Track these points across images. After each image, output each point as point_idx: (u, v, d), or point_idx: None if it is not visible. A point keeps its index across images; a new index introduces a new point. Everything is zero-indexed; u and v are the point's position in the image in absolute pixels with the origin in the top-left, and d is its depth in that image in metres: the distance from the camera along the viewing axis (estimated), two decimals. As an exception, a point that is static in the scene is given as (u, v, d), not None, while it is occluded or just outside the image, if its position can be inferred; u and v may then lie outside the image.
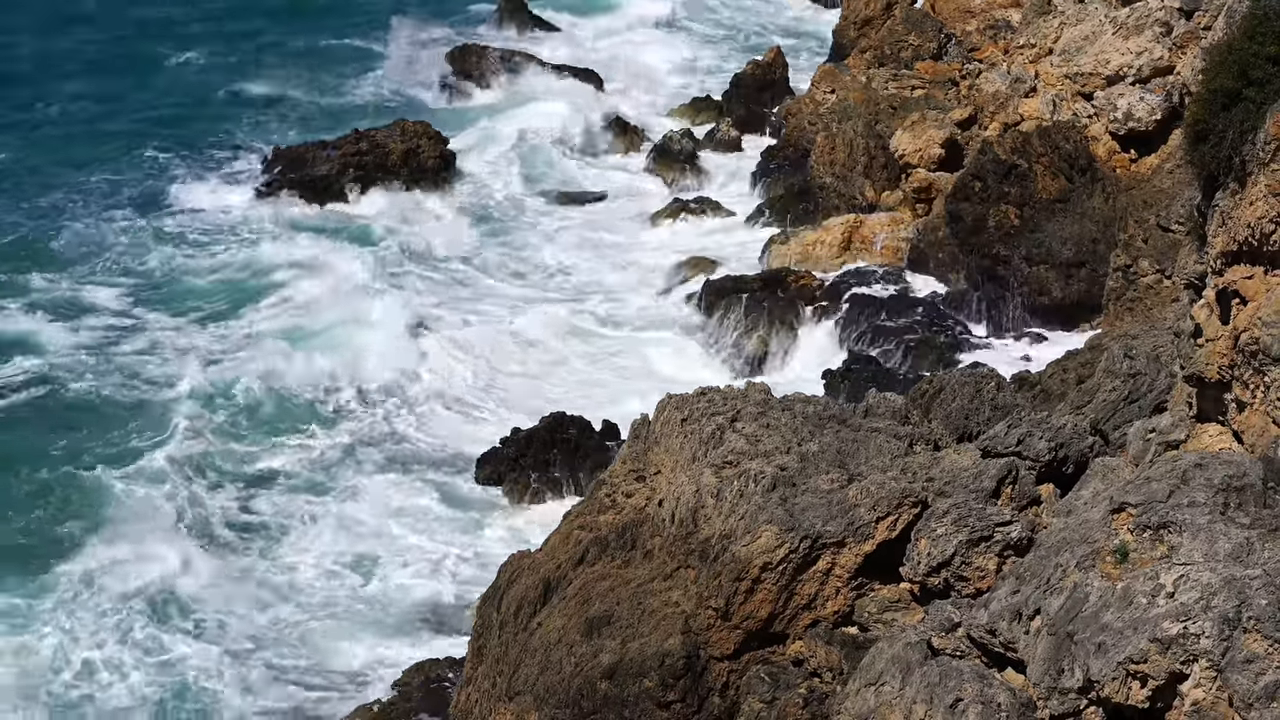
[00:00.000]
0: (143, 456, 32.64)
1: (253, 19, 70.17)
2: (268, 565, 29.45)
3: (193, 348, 38.48)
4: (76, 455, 32.73)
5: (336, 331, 39.22)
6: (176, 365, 37.29)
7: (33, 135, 55.09)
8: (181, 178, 50.62)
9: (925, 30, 49.32)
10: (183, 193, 49.36)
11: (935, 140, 42.40)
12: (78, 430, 33.97)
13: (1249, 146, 15.35)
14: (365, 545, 30.02)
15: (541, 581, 21.00)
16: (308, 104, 59.44)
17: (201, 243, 45.71)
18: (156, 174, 51.26)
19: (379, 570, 29.24)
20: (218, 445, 33.66)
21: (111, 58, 64.28)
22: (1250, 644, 13.01)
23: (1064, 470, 18.91)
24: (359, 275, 42.49)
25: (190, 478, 31.93)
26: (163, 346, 38.62)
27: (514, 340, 39.73)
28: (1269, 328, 15.15)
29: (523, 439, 32.87)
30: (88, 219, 46.88)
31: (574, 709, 18.91)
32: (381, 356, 37.64)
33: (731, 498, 19.12)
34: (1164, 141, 38.90)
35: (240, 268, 44.00)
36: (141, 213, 47.51)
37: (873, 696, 15.52)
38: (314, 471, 33.02)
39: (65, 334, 38.99)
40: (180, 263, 44.21)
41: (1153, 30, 40.25)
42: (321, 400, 35.98)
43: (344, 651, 26.97)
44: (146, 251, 44.74)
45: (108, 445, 33.40)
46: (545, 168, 53.13)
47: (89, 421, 34.51)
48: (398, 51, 63.81)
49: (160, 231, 46.16)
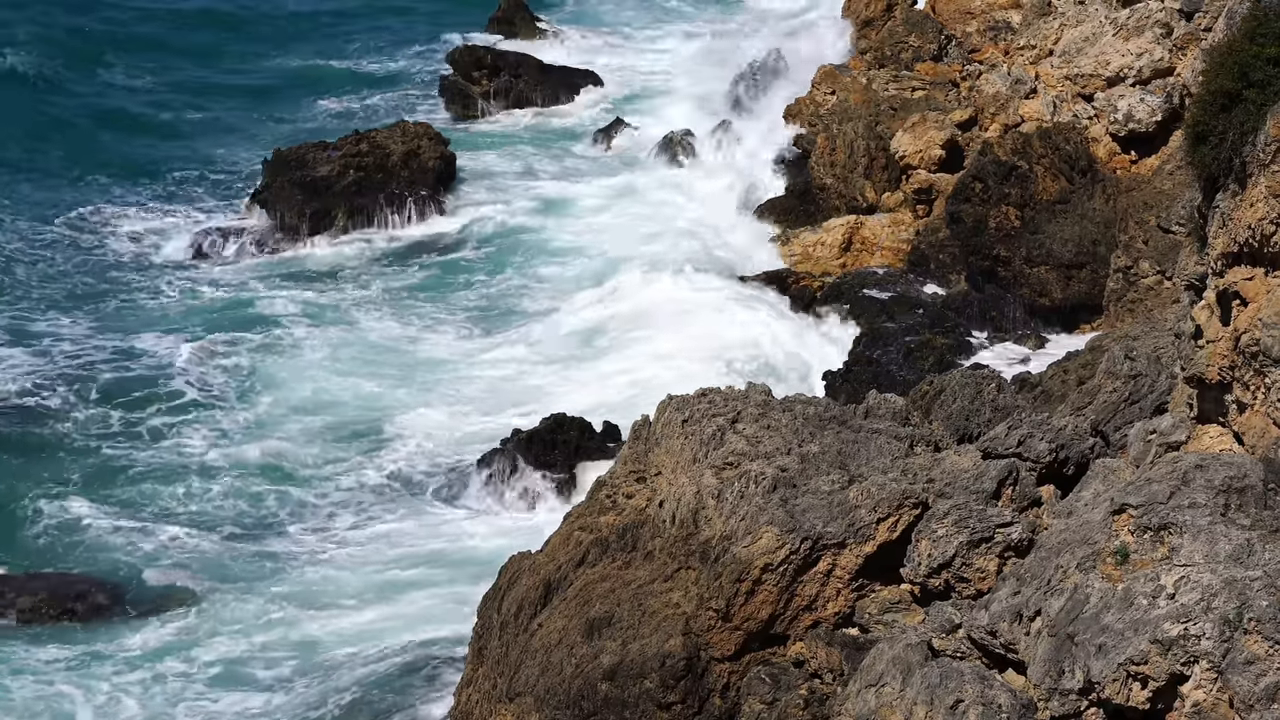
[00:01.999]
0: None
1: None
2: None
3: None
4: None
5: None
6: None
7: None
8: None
9: (925, 31, 49.32)
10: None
11: (935, 141, 42.40)
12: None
13: (1249, 148, 15.35)
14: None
15: (542, 583, 21.00)
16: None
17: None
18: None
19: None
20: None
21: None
22: (1251, 645, 13.02)
23: (1065, 471, 18.90)
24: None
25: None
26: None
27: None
28: (1269, 329, 15.15)
29: (524, 439, 32.88)
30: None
31: (574, 710, 18.91)
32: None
33: (732, 499, 19.12)
34: (1164, 143, 38.93)
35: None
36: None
37: (873, 698, 15.53)
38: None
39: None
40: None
41: (1153, 31, 40.26)
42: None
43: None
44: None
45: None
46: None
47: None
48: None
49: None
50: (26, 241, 46.20)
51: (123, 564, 29.33)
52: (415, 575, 29.15)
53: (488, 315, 41.85)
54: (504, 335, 40.38)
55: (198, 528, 30.66)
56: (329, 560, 29.79)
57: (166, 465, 33.26)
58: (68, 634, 27.20)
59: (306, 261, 46.05)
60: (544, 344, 39.47)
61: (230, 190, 51.51)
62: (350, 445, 34.47)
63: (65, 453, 33.67)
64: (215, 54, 65.93)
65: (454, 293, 43.78)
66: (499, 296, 43.28)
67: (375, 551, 30.08)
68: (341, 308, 42.27)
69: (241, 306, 42.22)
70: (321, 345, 39.23)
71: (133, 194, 50.75)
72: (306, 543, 30.45)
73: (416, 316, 41.81)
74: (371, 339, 40.09)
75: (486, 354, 39.30)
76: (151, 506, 31.54)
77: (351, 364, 38.41)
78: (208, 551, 29.82)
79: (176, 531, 30.32)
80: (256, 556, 29.81)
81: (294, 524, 31.17)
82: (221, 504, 31.74)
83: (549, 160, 54.43)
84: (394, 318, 41.66)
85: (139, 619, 27.60)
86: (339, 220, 47.57)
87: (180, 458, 33.59)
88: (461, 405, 36.32)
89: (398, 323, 41.28)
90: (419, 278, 44.85)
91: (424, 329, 40.92)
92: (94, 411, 35.48)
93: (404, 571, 29.30)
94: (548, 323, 40.69)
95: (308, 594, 28.50)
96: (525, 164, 53.98)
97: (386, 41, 68.12)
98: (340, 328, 40.68)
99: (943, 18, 49.95)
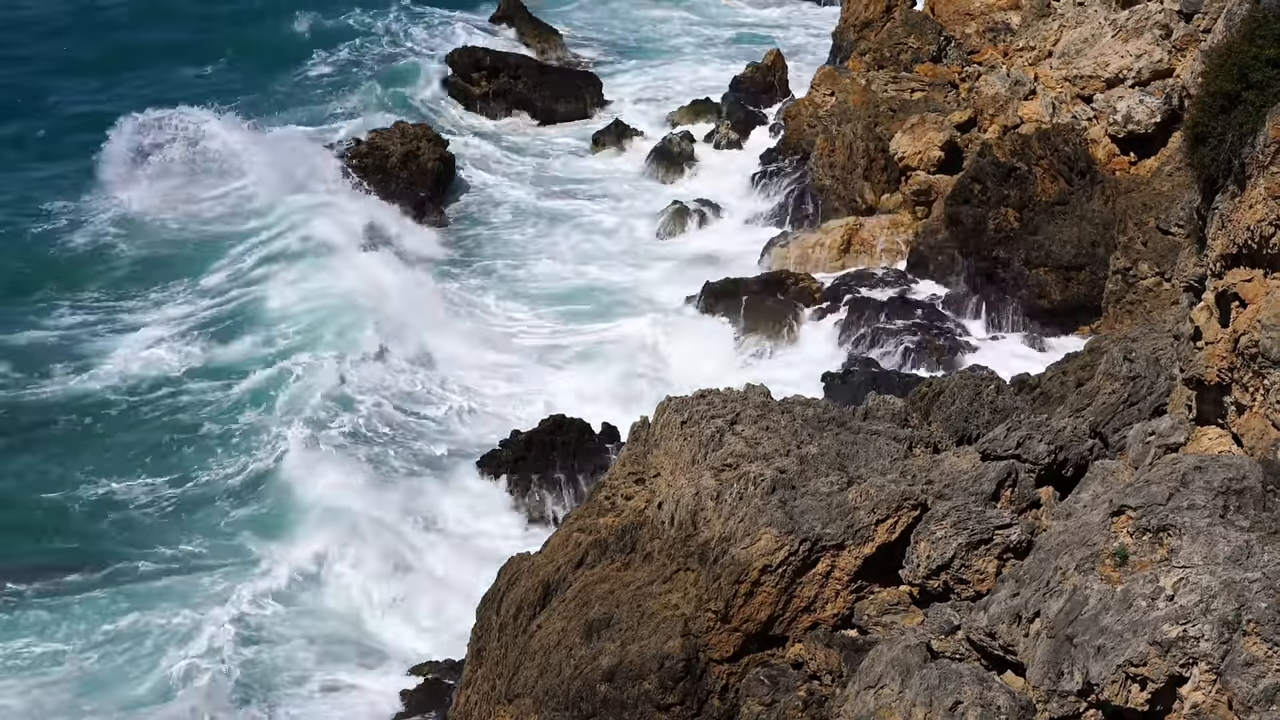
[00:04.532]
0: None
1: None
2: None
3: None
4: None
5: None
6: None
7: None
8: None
9: (925, 33, 49.33)
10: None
11: (935, 143, 42.42)
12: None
13: (1248, 149, 15.36)
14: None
15: (541, 584, 21.00)
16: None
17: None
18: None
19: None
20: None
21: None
22: (1250, 647, 13.02)
23: (1063, 473, 18.90)
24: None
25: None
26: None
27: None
28: (1268, 330, 15.15)
29: (522, 441, 32.88)
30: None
31: (573, 711, 18.90)
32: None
33: (731, 500, 19.12)
34: (1164, 144, 38.95)
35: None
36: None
37: (872, 699, 15.52)
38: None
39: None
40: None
41: (1152, 33, 40.27)
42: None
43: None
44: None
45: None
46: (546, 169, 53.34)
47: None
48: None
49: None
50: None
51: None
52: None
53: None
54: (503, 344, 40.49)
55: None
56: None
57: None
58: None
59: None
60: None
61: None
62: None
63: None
64: (216, 53, 65.80)
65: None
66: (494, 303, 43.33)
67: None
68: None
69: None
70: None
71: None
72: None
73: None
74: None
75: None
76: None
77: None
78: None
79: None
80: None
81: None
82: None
83: (547, 162, 54.40)
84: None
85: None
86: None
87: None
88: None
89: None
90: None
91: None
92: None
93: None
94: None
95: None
96: (525, 164, 53.96)
97: (387, 40, 67.96)
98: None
99: (942, 19, 49.97)
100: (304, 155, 49.73)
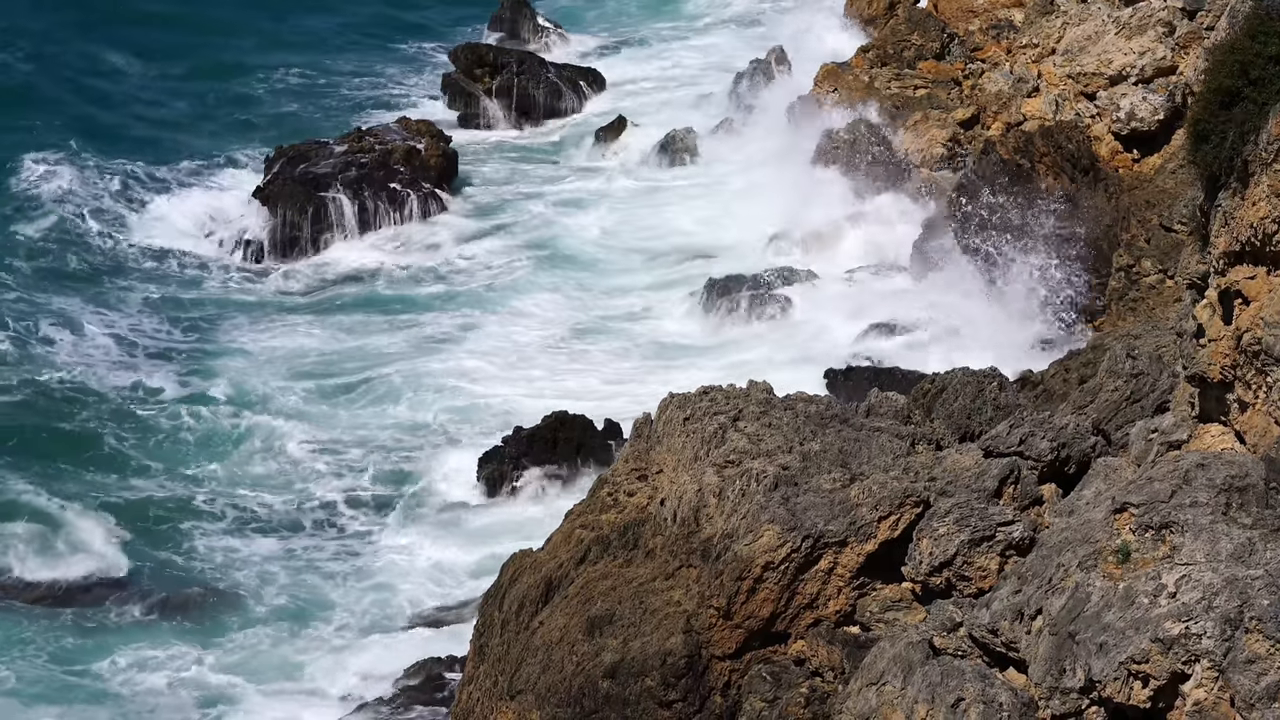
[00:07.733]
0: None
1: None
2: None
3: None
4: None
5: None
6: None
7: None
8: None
9: (928, 30, 49.25)
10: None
11: (938, 140, 42.42)
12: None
13: (1251, 146, 15.33)
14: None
15: (543, 580, 21.00)
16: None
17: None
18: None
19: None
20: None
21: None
22: (1252, 644, 13.01)
23: (1066, 470, 18.90)
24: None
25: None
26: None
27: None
28: (1271, 328, 15.14)
29: (524, 438, 32.87)
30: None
31: (576, 708, 18.91)
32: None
33: (733, 497, 19.12)
34: (1167, 141, 38.94)
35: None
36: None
37: (874, 696, 15.52)
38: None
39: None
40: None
41: (1155, 30, 40.26)
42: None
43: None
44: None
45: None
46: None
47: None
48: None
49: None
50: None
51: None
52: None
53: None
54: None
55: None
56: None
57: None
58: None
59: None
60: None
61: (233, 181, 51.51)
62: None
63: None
64: (215, 53, 65.72)
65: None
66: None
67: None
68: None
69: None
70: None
71: (139, 189, 50.54)
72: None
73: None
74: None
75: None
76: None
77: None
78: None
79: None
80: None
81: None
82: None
83: (550, 156, 54.38)
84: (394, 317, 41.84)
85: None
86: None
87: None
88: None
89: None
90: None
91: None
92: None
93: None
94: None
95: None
96: (528, 160, 53.93)
97: (387, 40, 67.92)
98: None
99: (945, 16, 49.92)
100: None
